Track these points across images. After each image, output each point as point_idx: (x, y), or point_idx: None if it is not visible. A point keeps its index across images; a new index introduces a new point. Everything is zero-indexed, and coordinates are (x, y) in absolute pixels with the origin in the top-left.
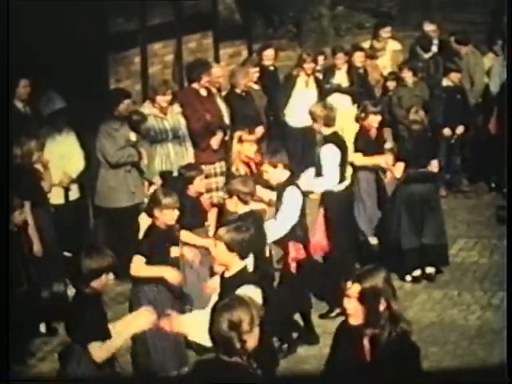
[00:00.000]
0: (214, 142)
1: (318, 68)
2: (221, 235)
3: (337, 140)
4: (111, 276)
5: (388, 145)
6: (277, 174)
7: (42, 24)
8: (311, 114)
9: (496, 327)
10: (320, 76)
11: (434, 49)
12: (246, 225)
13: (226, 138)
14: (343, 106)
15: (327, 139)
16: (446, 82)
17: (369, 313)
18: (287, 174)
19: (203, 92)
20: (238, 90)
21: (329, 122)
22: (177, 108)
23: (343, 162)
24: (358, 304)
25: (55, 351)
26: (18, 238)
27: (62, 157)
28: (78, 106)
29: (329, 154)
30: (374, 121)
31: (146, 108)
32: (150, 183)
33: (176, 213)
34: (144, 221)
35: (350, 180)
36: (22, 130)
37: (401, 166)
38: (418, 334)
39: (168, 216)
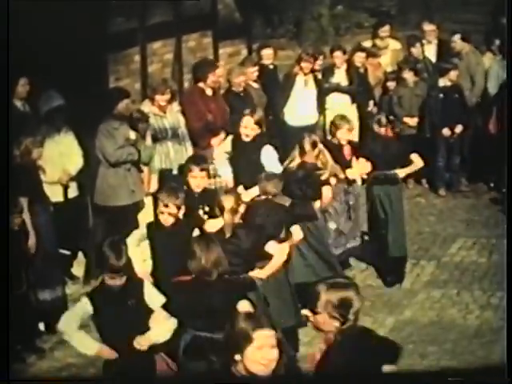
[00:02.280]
0: (216, 141)
1: (318, 67)
2: None
3: None
4: None
5: None
6: None
7: (41, 23)
8: None
9: (495, 327)
10: (319, 75)
11: (430, 49)
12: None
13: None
14: (343, 106)
15: None
16: (442, 82)
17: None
18: None
19: (209, 92)
20: (234, 89)
21: None
22: (176, 107)
23: None
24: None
25: (54, 349)
26: (17, 238)
27: (61, 155)
28: (78, 104)
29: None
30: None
31: (146, 107)
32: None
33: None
34: (143, 218)
35: None
36: (21, 128)
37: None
38: (416, 334)
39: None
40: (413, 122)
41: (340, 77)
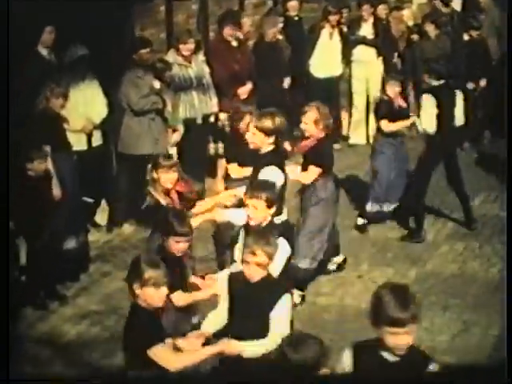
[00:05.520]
0: (242, 91)
1: (343, 20)
2: None
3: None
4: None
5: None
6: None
7: None
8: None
9: None
10: (345, 28)
11: (456, 4)
12: None
13: None
14: (368, 58)
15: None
16: (467, 37)
17: None
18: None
19: (234, 42)
20: (266, 40)
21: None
22: (201, 57)
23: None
24: None
25: (77, 296)
26: (41, 185)
27: (85, 103)
28: (102, 54)
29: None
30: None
31: (171, 56)
32: (174, 130)
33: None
34: None
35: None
36: (46, 76)
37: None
38: (439, 286)
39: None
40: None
41: (367, 30)
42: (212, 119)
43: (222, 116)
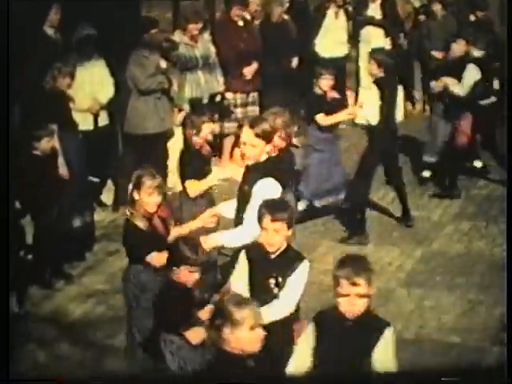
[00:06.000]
0: (247, 71)
1: (348, 0)
2: None
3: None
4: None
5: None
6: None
7: None
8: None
9: None
10: (350, 8)
11: None
12: None
13: None
14: (376, 39)
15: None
16: (473, 17)
17: None
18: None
19: (240, 22)
20: (272, 19)
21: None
22: (207, 36)
23: None
24: None
25: (82, 275)
26: (48, 163)
27: (91, 83)
28: (108, 33)
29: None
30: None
31: (177, 36)
32: (180, 110)
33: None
34: (173, 147)
35: None
36: (52, 55)
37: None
38: (444, 265)
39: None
40: (438, 55)
41: (374, 10)
42: (218, 99)
43: (228, 95)
